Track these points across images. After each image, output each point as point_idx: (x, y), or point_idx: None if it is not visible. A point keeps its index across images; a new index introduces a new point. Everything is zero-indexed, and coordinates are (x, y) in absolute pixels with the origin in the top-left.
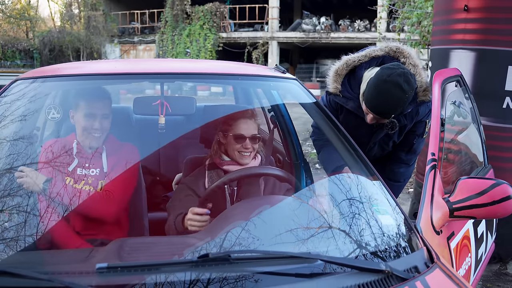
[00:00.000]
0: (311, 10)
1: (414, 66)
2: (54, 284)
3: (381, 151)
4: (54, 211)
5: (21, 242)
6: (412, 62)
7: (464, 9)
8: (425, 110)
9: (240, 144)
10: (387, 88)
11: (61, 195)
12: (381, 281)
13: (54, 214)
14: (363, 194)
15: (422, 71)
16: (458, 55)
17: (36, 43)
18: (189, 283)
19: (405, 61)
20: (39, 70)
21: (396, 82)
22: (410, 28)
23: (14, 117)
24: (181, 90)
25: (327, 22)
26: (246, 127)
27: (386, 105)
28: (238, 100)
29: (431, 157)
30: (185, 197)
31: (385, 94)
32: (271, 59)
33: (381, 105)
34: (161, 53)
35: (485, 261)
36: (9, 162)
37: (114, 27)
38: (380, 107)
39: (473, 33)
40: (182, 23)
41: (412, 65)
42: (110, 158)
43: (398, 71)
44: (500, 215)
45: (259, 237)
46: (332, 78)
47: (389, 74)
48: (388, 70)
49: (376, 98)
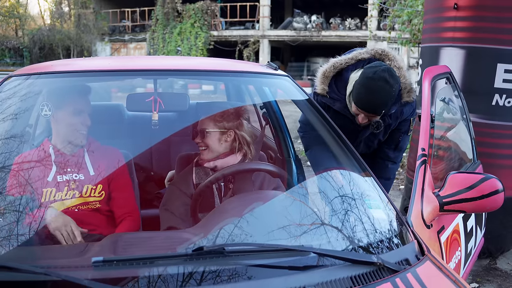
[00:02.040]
0: (302, 9)
1: (398, 69)
2: (51, 277)
3: (367, 148)
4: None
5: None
6: (396, 65)
7: (454, 7)
8: (409, 110)
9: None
10: (374, 84)
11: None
12: (373, 273)
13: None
14: (355, 189)
15: (406, 73)
16: (448, 53)
17: (26, 41)
18: (184, 276)
19: (390, 64)
20: (31, 67)
21: (382, 77)
22: (401, 27)
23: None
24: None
25: (318, 21)
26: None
27: (376, 101)
28: (230, 97)
29: (421, 152)
30: (176, 199)
31: (373, 90)
32: (262, 57)
33: (372, 101)
34: (152, 52)
35: (474, 255)
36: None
37: (104, 25)
38: (371, 104)
39: (462, 31)
40: (173, 21)
41: (396, 67)
42: (94, 161)
43: (382, 67)
44: (489, 208)
45: (253, 231)
46: (320, 80)
47: (374, 71)
48: (372, 68)
49: (365, 96)
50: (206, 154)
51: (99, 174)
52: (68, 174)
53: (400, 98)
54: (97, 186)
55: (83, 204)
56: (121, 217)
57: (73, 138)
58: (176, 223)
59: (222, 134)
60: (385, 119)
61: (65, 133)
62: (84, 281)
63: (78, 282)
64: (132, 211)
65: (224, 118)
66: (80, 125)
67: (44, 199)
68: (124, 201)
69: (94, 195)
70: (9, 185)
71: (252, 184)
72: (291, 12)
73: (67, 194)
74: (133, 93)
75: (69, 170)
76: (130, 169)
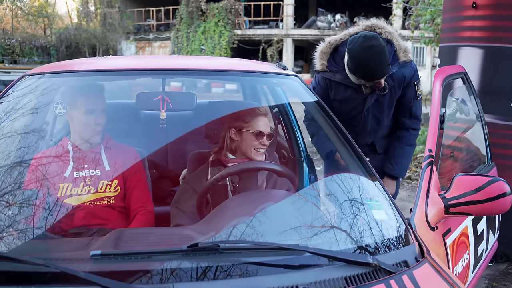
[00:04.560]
0: (326, 8)
1: (389, 33)
2: (49, 269)
3: (376, 123)
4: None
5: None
6: (387, 30)
7: (473, 6)
8: (410, 71)
9: (258, 141)
10: (365, 54)
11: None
12: (368, 274)
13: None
14: (357, 190)
15: (398, 36)
16: (466, 53)
17: (53, 40)
18: (178, 271)
19: (381, 31)
20: (45, 66)
21: (367, 45)
22: (424, 26)
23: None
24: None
25: (342, 20)
26: (264, 124)
27: (372, 67)
28: (246, 97)
29: (428, 153)
30: (189, 198)
31: (365, 58)
32: (285, 56)
33: (369, 69)
34: (176, 50)
35: (486, 259)
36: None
37: (129, 24)
38: (370, 72)
39: (481, 30)
40: (197, 20)
41: (387, 32)
42: (110, 158)
43: (361, 34)
44: (496, 212)
45: (252, 229)
46: (319, 57)
47: (360, 44)
48: (354, 39)
49: (362, 66)
50: (262, 155)
51: (115, 170)
52: (84, 170)
53: (397, 58)
54: (113, 182)
55: (98, 200)
56: (135, 212)
57: (88, 136)
58: (185, 221)
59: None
60: (387, 80)
61: (80, 131)
62: (81, 273)
63: (75, 274)
64: (146, 207)
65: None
66: (94, 124)
67: (60, 194)
68: (139, 197)
69: (110, 191)
70: (26, 179)
71: (256, 183)
72: (315, 11)
73: (83, 190)
74: (142, 92)
75: (86, 166)
76: (144, 166)
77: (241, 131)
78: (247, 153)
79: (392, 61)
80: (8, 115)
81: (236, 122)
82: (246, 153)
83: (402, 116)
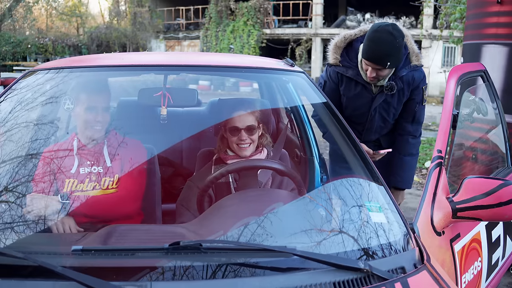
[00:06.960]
0: (356, 7)
1: (405, 36)
2: (28, 262)
3: (382, 122)
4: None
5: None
6: (403, 33)
7: (498, 2)
8: (420, 75)
9: (236, 137)
10: (379, 36)
11: (71, 201)
12: (359, 280)
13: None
14: (358, 193)
15: (412, 40)
16: (490, 50)
17: (85, 39)
18: (158, 269)
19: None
20: (50, 63)
21: (386, 30)
22: (453, 25)
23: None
24: (224, 85)
25: (372, 19)
26: (240, 119)
27: (381, 51)
28: (263, 95)
29: (437, 154)
30: (194, 196)
31: (377, 42)
32: (314, 55)
33: (376, 51)
34: (205, 49)
35: (503, 267)
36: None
37: (159, 23)
38: (375, 54)
39: (506, 27)
40: (226, 19)
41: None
42: (113, 153)
43: (387, 23)
44: (507, 217)
45: (241, 229)
46: (332, 50)
47: (379, 25)
48: (377, 24)
49: (370, 47)
50: (250, 150)
51: (116, 165)
52: (89, 166)
53: (409, 62)
54: (114, 177)
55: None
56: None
57: (89, 133)
58: (189, 219)
59: (259, 129)
60: (397, 82)
61: (81, 127)
62: (58, 267)
63: (52, 268)
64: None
65: (259, 114)
66: (94, 121)
67: (66, 189)
68: (134, 192)
69: (113, 187)
70: (36, 172)
71: (256, 181)
72: (344, 10)
73: (88, 186)
74: (145, 88)
75: (89, 163)
76: (152, 162)
77: (225, 128)
78: (234, 149)
79: (404, 63)
80: (14, 111)
81: (224, 119)
82: (233, 149)
83: (404, 120)
